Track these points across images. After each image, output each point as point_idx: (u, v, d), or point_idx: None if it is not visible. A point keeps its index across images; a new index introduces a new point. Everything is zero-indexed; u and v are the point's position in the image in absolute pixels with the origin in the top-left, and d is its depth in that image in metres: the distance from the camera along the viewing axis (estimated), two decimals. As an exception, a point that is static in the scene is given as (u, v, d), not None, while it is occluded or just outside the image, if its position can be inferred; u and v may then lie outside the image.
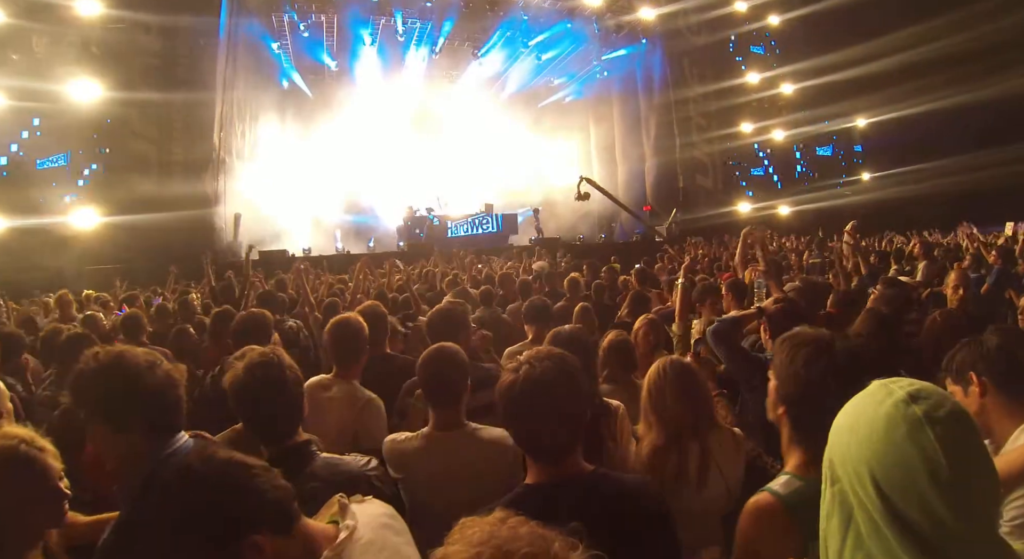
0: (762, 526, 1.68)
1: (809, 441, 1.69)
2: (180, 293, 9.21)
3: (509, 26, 22.97)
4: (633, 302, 5.66)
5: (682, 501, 2.26)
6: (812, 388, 1.67)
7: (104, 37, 16.77)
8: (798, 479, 1.70)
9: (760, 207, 23.00)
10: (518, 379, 1.74)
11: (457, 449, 2.56)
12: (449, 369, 2.66)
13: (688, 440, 2.44)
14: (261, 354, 2.23)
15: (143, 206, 15.78)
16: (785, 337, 1.82)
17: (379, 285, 8.24)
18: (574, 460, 1.79)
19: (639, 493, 1.81)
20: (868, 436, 1.07)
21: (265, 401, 2.14)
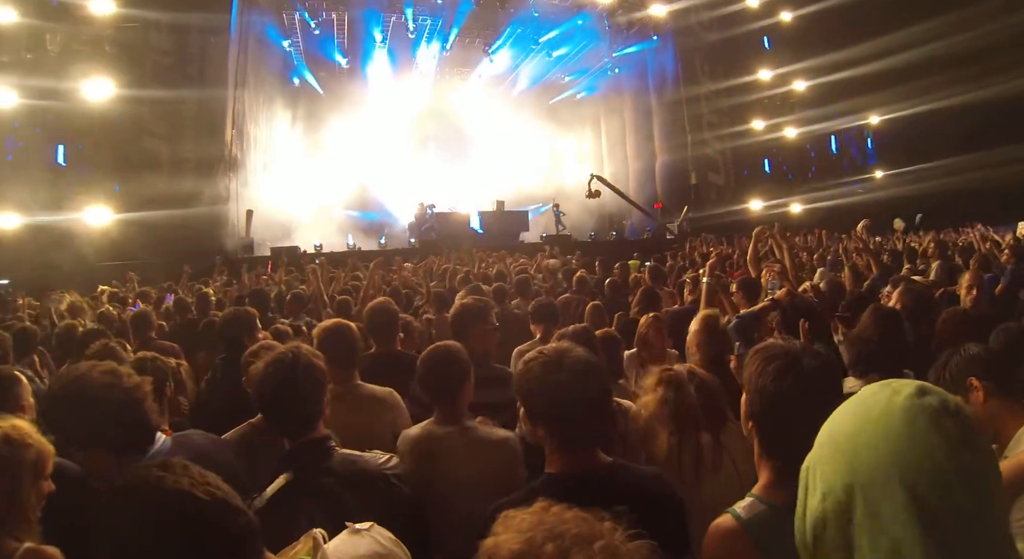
0: (723, 549, 1.66)
1: (774, 460, 1.67)
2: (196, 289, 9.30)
3: (520, 23, 22.95)
4: (643, 300, 5.63)
5: (695, 496, 2.27)
6: (778, 405, 1.63)
7: (117, 36, 16.87)
8: (761, 502, 1.67)
9: (772, 205, 22.85)
10: (554, 367, 1.76)
11: (456, 445, 2.57)
12: (447, 366, 2.69)
13: (701, 436, 2.45)
14: (283, 349, 2.25)
15: (155, 203, 15.91)
16: (756, 349, 1.76)
17: (390, 280, 8.29)
18: (595, 451, 1.84)
19: (654, 485, 1.85)
20: (885, 437, 1.00)
21: (285, 395, 2.15)
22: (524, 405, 1.85)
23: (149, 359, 2.93)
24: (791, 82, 24.05)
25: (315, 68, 23.08)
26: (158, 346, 5.24)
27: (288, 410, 2.16)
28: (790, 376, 1.62)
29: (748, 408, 1.72)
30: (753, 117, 23.72)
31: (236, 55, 18.52)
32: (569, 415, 1.78)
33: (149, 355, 3.02)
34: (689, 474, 2.40)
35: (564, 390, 1.75)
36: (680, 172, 23.39)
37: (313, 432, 2.17)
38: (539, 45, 23.93)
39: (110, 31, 16.75)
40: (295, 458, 2.11)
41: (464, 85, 25.70)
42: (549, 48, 24.24)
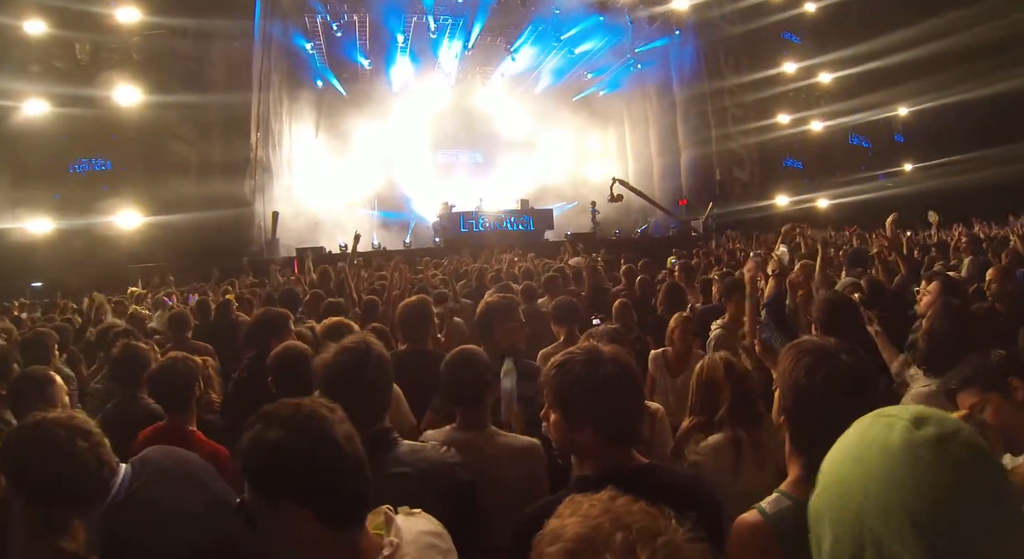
0: (747, 545, 1.65)
1: (805, 456, 1.65)
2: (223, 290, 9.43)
3: (541, 21, 22.91)
4: (668, 297, 5.53)
5: (734, 495, 2.24)
6: (811, 399, 1.62)
7: (143, 43, 17.21)
8: (788, 498, 1.67)
9: (798, 200, 22.54)
10: (595, 364, 1.74)
11: (481, 450, 2.56)
12: (469, 370, 2.69)
13: (742, 436, 2.43)
14: (352, 339, 2.26)
15: (183, 206, 16.20)
16: (791, 345, 1.78)
17: (416, 281, 8.31)
18: (632, 451, 1.82)
19: (693, 485, 1.85)
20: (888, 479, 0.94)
21: (358, 384, 2.15)
22: (562, 408, 1.79)
23: (180, 359, 2.96)
24: (816, 74, 23.71)
25: (338, 70, 23.26)
26: (192, 346, 5.34)
27: (360, 399, 2.09)
28: (824, 371, 1.63)
29: (781, 402, 1.72)
30: (778, 111, 23.39)
31: (260, 59, 18.72)
32: (614, 412, 1.76)
33: (180, 355, 3.04)
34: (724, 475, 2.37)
35: (609, 386, 1.73)
36: (705, 168, 23.16)
37: (381, 422, 2.18)
38: (561, 42, 23.88)
39: (137, 39, 17.09)
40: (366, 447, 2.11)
41: (487, 84, 25.73)
42: (571, 45, 24.17)
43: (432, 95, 24.77)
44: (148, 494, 2.09)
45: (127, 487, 2.09)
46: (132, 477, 2.13)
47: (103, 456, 2.07)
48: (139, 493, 2.08)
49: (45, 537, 2.04)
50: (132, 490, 2.09)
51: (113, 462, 2.11)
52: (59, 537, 2.03)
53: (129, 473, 2.14)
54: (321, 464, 1.37)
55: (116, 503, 2.05)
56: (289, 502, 1.34)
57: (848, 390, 1.60)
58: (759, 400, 2.60)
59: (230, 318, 6.62)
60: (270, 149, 19.84)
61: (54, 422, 2.03)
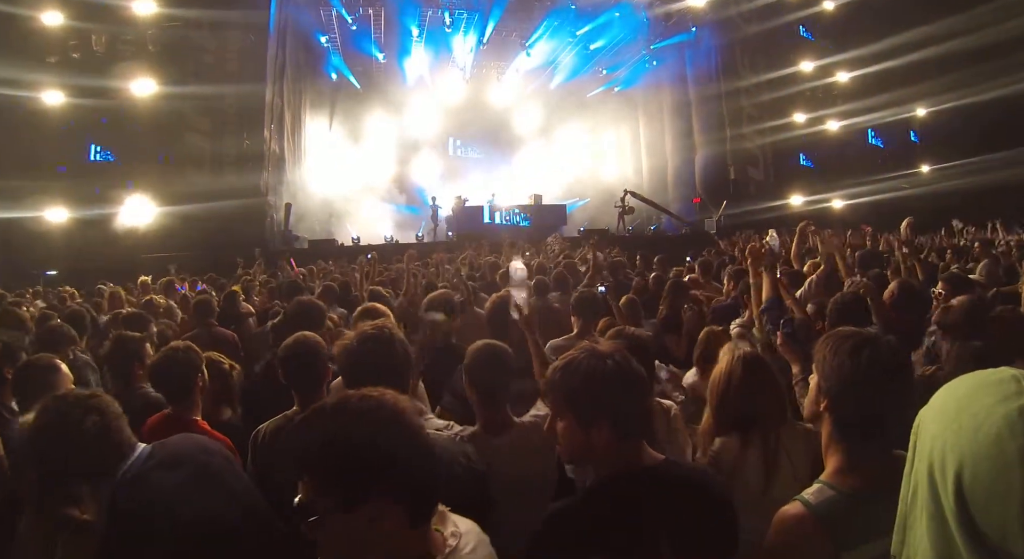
0: (790, 537, 1.64)
1: (848, 441, 1.65)
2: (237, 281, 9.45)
3: (557, 16, 22.84)
4: (671, 293, 5.43)
5: (747, 496, 2.22)
6: (856, 379, 1.62)
7: (159, 35, 17.29)
8: (831, 488, 1.65)
9: (812, 200, 22.37)
10: (600, 359, 1.72)
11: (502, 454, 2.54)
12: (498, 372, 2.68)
13: (758, 436, 2.40)
14: (373, 326, 2.27)
15: (198, 197, 16.29)
16: (828, 334, 1.79)
17: (427, 275, 8.30)
18: (646, 447, 1.80)
19: (706, 481, 1.82)
20: (971, 430, 0.91)
21: (382, 368, 2.15)
22: (574, 408, 1.74)
23: (181, 349, 2.94)
24: (833, 74, 23.51)
25: (352, 63, 23.27)
26: (217, 333, 5.37)
27: (383, 384, 2.12)
28: (867, 353, 1.63)
29: (823, 385, 1.71)
30: (794, 110, 23.22)
31: (275, 51, 18.77)
32: (627, 404, 1.73)
33: (182, 344, 3.02)
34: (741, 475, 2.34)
35: (618, 378, 1.71)
36: (719, 166, 23.00)
37: None
38: (576, 38, 23.80)
39: (152, 30, 17.17)
40: None
41: (501, 79, 25.68)
42: (586, 41, 24.08)
43: (446, 89, 24.78)
44: (157, 476, 2.09)
45: (139, 466, 2.11)
46: (147, 457, 2.14)
47: (113, 436, 2.09)
48: (149, 474, 2.09)
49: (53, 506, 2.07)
50: (144, 469, 2.10)
51: (130, 439, 2.14)
52: (66, 506, 2.08)
53: (145, 453, 2.15)
54: (417, 460, 1.32)
55: (126, 479, 2.06)
56: (378, 501, 1.27)
57: (890, 372, 1.61)
58: (785, 398, 2.57)
59: (236, 309, 6.60)
60: (284, 141, 19.91)
61: (70, 399, 2.10)
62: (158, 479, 2.09)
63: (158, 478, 2.09)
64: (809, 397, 1.79)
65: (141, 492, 2.04)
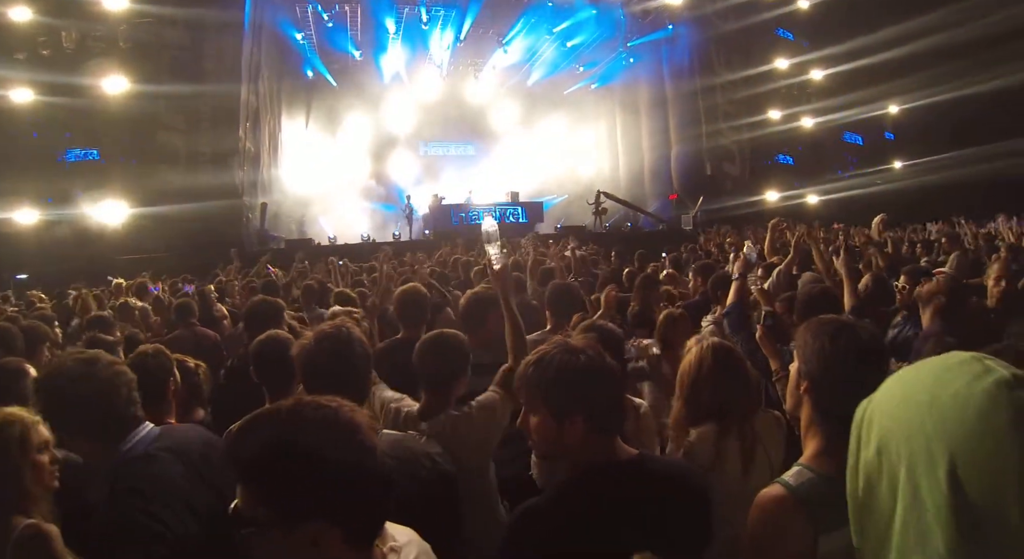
0: (771, 518, 1.65)
1: (827, 425, 1.68)
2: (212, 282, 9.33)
3: (534, 13, 22.86)
4: (642, 288, 5.38)
5: (727, 486, 2.24)
6: (836, 362, 1.67)
7: (131, 32, 16.98)
8: (810, 471, 1.67)
9: (788, 196, 22.63)
10: (572, 353, 1.74)
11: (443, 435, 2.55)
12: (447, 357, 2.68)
13: (734, 425, 2.42)
14: (332, 325, 2.23)
15: (172, 197, 16.05)
16: (809, 321, 1.83)
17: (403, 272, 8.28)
18: (619, 441, 1.81)
19: (682, 474, 1.85)
20: (957, 414, 0.92)
21: (340, 369, 2.12)
22: (548, 402, 1.73)
23: (151, 353, 2.89)
24: (808, 71, 23.79)
25: (328, 61, 23.06)
26: (199, 333, 5.33)
27: (341, 385, 2.04)
28: (845, 337, 1.69)
29: (803, 369, 1.75)
30: (770, 107, 23.47)
31: (250, 49, 18.57)
32: (601, 398, 1.74)
33: (152, 348, 2.95)
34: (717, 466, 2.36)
35: (592, 372, 1.72)
36: (695, 163, 23.19)
37: None
38: (553, 35, 23.82)
39: (124, 27, 16.86)
40: None
41: (478, 76, 25.62)
42: (563, 38, 24.10)
43: (423, 87, 24.66)
44: (162, 460, 2.08)
45: (145, 446, 2.09)
46: (157, 438, 2.13)
47: (134, 396, 2.12)
48: (156, 455, 2.08)
49: None
50: (147, 452, 2.08)
51: (136, 413, 2.14)
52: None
53: (155, 433, 2.14)
54: (366, 480, 1.23)
55: (127, 458, 2.05)
56: (321, 521, 1.18)
57: (868, 355, 1.66)
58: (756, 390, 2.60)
59: (210, 310, 6.51)
60: (260, 140, 19.71)
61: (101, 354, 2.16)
62: (164, 463, 2.06)
63: (164, 462, 2.07)
64: (790, 383, 1.82)
65: (145, 472, 2.02)
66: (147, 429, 2.13)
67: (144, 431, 2.12)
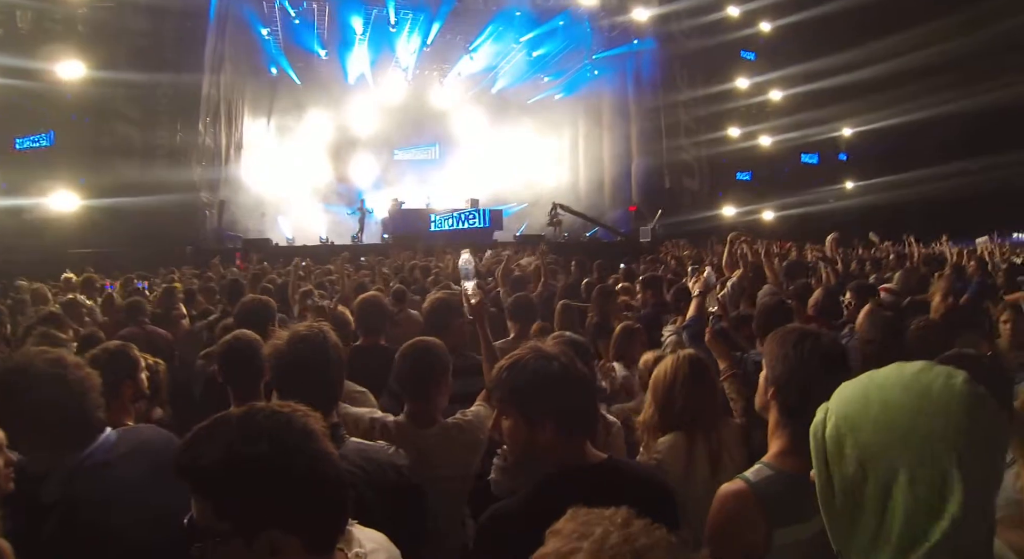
0: (730, 511, 1.75)
1: (791, 426, 1.77)
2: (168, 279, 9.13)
3: (502, 21, 22.97)
4: (600, 299, 5.40)
5: (696, 491, 2.31)
6: (800, 368, 1.77)
7: (90, 16, 16.48)
8: (770, 468, 1.78)
9: (745, 211, 23.14)
10: (545, 359, 1.77)
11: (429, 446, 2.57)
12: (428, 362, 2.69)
13: (701, 433, 2.49)
14: (307, 327, 2.18)
15: (126, 190, 15.55)
16: (775, 330, 1.95)
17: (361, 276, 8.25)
18: (589, 446, 1.85)
19: (652, 477, 1.91)
20: (947, 414, 1.01)
21: (314, 374, 2.08)
22: (520, 406, 1.77)
23: (110, 350, 2.78)
24: (768, 92, 24.37)
25: (293, 58, 22.80)
26: (150, 332, 5.17)
27: (314, 391, 2.00)
28: (809, 344, 1.80)
29: (770, 375, 1.85)
30: (729, 125, 23.99)
31: (214, 41, 18.19)
32: (572, 404, 1.78)
33: (113, 344, 2.79)
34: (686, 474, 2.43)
35: (564, 378, 1.76)
36: (656, 176, 23.56)
37: (330, 417, 2.05)
38: (520, 44, 23.97)
39: (83, 10, 16.37)
40: None
41: (443, 82, 25.59)
42: (530, 48, 24.27)
43: (387, 89, 24.55)
44: (120, 469, 1.99)
45: (104, 452, 1.99)
46: (113, 445, 2.03)
47: (100, 401, 2.01)
48: (112, 463, 1.99)
49: None
50: (106, 458, 1.99)
51: (99, 419, 2.03)
52: None
53: (112, 439, 2.04)
54: (322, 487, 1.21)
55: (86, 465, 1.95)
56: (275, 530, 1.16)
57: (830, 362, 1.77)
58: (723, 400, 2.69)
59: (169, 309, 6.36)
60: (220, 135, 19.33)
61: (67, 356, 2.03)
62: (122, 470, 1.98)
63: (122, 469, 1.98)
64: (759, 388, 1.92)
65: (103, 481, 1.93)
66: (105, 434, 2.04)
67: (103, 437, 2.02)
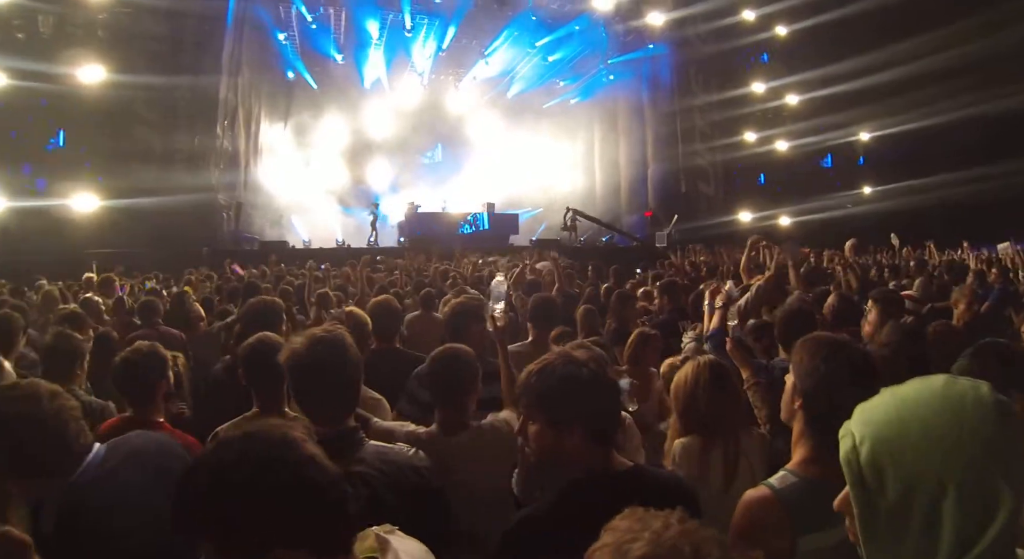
0: (754, 518, 1.75)
1: (818, 437, 1.76)
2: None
3: (517, 26, 23.02)
4: (618, 305, 5.35)
5: (715, 501, 2.28)
6: (829, 381, 1.77)
7: (110, 21, 16.67)
8: (794, 475, 1.78)
9: (761, 217, 22.97)
10: (575, 364, 1.74)
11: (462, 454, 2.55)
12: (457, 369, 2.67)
13: (723, 440, 2.47)
14: (325, 330, 2.14)
15: (145, 191, 15.70)
16: (805, 339, 1.93)
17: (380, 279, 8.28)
18: (614, 453, 1.83)
19: (675, 487, 1.87)
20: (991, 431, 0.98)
21: (333, 377, 2.04)
22: (548, 412, 1.75)
23: (147, 348, 2.82)
24: (784, 96, 24.19)
25: (310, 62, 22.97)
26: (163, 332, 5.20)
27: (333, 394, 2.02)
28: (841, 357, 1.80)
29: (798, 385, 1.85)
30: (745, 129, 23.81)
31: (231, 45, 18.36)
32: (600, 410, 1.76)
33: (148, 344, 2.87)
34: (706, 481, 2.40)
35: (593, 385, 1.73)
36: (671, 181, 23.47)
37: (349, 420, 2.09)
38: (535, 49, 24.01)
39: (104, 15, 16.56)
40: (330, 446, 2.01)
41: (458, 86, 25.68)
42: (545, 52, 24.31)
43: (403, 94, 24.67)
44: (117, 478, 1.98)
45: (96, 467, 1.99)
46: (104, 458, 2.02)
47: (81, 424, 1.98)
48: (108, 476, 1.98)
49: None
50: (100, 473, 1.98)
51: (89, 437, 2.02)
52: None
53: (102, 453, 2.03)
54: (313, 496, 1.17)
55: (80, 484, 1.94)
56: (279, 551, 1.13)
57: (861, 375, 1.75)
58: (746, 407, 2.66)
59: (185, 311, 6.42)
60: (237, 138, 19.49)
61: (38, 383, 1.99)
62: (116, 482, 1.98)
63: (116, 481, 1.98)
64: (785, 397, 1.91)
65: (99, 496, 1.93)
66: (93, 452, 2.02)
67: (90, 456, 2.00)
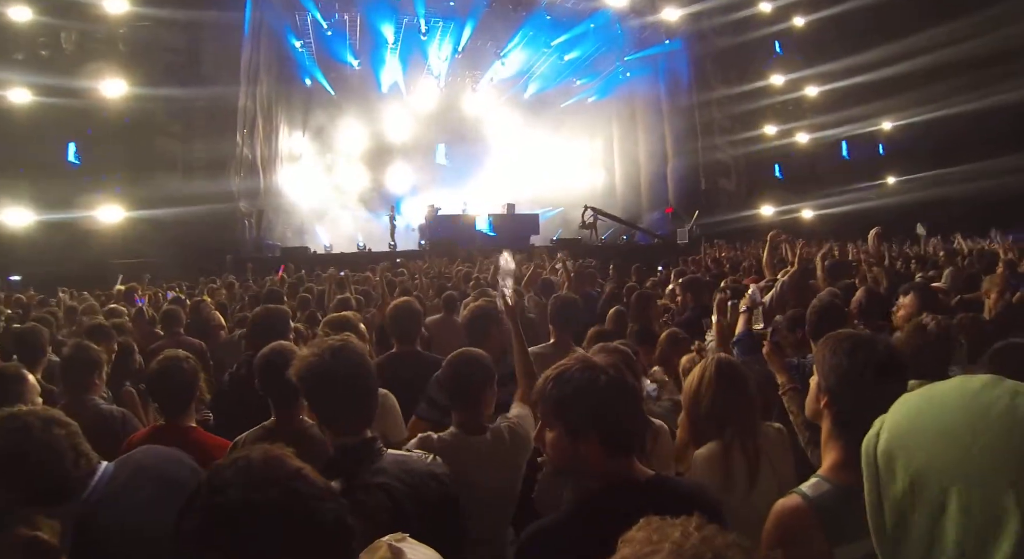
0: (787, 528, 1.68)
1: (846, 438, 1.70)
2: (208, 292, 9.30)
3: (532, 26, 23.00)
4: (639, 306, 5.28)
5: (734, 503, 2.22)
6: (853, 378, 1.70)
7: (130, 35, 16.95)
8: (827, 482, 1.70)
9: (783, 210, 22.72)
10: (593, 371, 1.70)
11: (481, 455, 2.54)
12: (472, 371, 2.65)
13: (737, 440, 2.40)
14: (338, 339, 2.11)
15: (168, 202, 15.93)
16: (828, 336, 1.86)
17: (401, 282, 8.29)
18: (636, 462, 1.77)
19: (698, 496, 1.81)
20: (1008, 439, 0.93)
21: (338, 388, 2.01)
22: (564, 420, 1.70)
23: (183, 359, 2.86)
24: (803, 87, 23.94)
25: (327, 69, 23.14)
26: (184, 342, 5.23)
27: (344, 403, 2.02)
28: (864, 353, 1.72)
29: (823, 383, 1.78)
30: (765, 122, 23.59)
31: (249, 54, 18.56)
32: (618, 419, 1.71)
33: (182, 354, 2.92)
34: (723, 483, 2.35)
35: (611, 393, 1.68)
36: (692, 177, 23.31)
37: (367, 430, 2.06)
38: (551, 48, 23.99)
39: (124, 29, 16.83)
40: (349, 456, 1.99)
41: (475, 88, 25.74)
42: (561, 51, 24.28)
43: (421, 97, 24.79)
44: (126, 497, 1.98)
45: (105, 486, 1.99)
46: (111, 477, 2.03)
47: (80, 449, 1.97)
48: (116, 494, 1.98)
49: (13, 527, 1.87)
50: (109, 490, 1.98)
51: (92, 458, 2.01)
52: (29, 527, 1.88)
53: (109, 472, 2.03)
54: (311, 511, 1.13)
55: (91, 502, 1.94)
56: None
57: (886, 370, 1.69)
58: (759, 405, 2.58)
59: (202, 318, 6.47)
60: (257, 146, 19.68)
61: (30, 413, 1.96)
62: (126, 498, 1.97)
63: (126, 497, 1.98)
64: (810, 396, 1.85)
65: (110, 514, 1.93)
66: (100, 470, 2.02)
67: (98, 475, 2.01)
